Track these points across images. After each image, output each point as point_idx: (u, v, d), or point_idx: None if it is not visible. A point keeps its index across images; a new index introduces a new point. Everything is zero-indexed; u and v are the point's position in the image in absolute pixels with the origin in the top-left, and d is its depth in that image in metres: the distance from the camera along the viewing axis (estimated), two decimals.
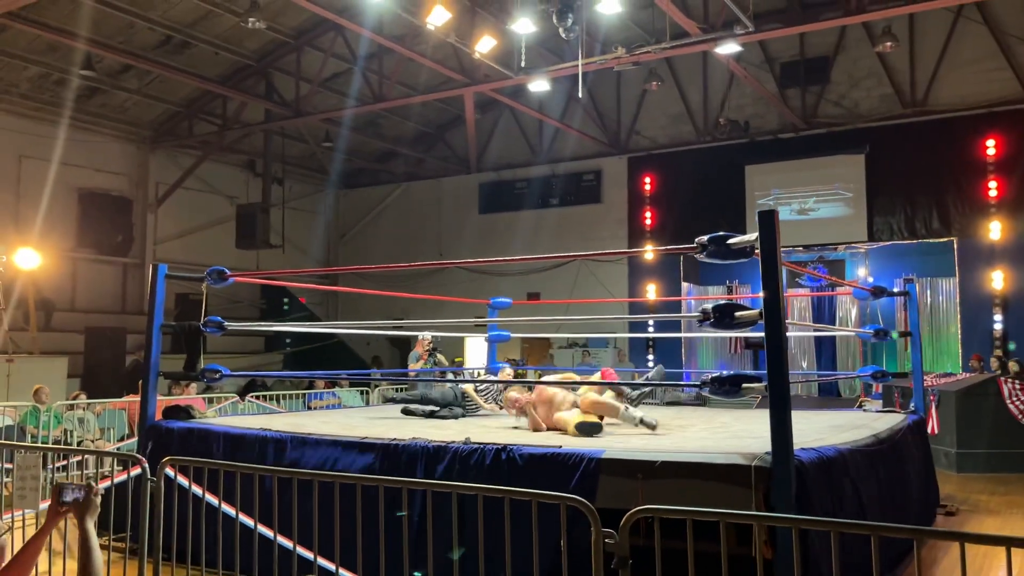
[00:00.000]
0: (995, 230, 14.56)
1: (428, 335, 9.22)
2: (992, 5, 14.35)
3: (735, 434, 5.77)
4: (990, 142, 14.62)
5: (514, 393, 6.29)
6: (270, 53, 16.15)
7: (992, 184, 14.61)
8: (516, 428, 6.16)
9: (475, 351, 16.13)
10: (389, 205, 21.32)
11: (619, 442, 5.17)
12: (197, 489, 4.42)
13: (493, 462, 4.80)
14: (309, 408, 11.61)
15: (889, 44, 13.90)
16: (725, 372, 4.58)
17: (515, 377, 9.02)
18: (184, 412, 6.58)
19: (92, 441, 9.46)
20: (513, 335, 10.66)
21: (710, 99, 17.32)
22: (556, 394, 6.07)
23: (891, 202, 15.49)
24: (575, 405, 5.90)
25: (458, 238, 19.68)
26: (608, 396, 5.96)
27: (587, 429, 5.50)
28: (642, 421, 5.71)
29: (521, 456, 4.76)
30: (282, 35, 15.55)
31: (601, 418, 5.75)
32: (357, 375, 14.22)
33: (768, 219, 4.29)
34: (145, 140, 17.74)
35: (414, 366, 9.34)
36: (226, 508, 4.52)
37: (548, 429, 5.97)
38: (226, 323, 6.63)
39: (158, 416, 6.58)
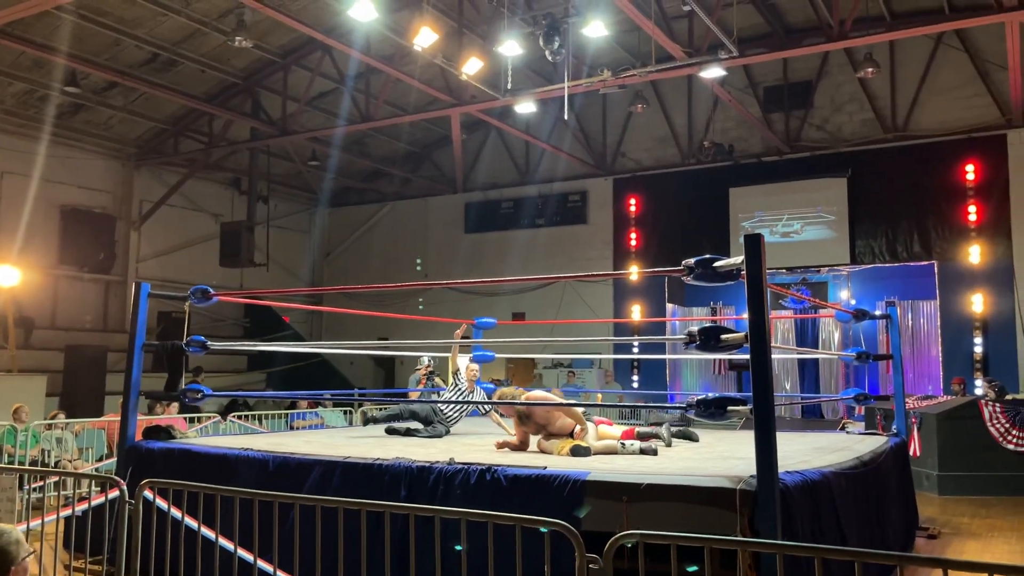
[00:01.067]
0: (975, 254, 14.72)
1: (427, 358, 9.43)
2: (972, 32, 14.60)
3: (720, 455, 5.78)
4: (969, 167, 14.82)
5: (510, 390, 6.44)
6: (257, 72, 16.15)
7: (972, 208, 14.80)
8: (502, 446, 6.12)
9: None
10: (375, 224, 21.30)
11: (604, 463, 5.16)
12: (176, 512, 4.36)
13: (477, 482, 4.78)
14: (292, 428, 11.49)
15: (871, 70, 14.10)
16: (711, 395, 4.59)
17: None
18: (165, 432, 6.51)
19: (70, 461, 9.33)
20: (498, 355, 10.65)
21: (695, 122, 17.49)
22: (556, 418, 6.04)
23: (873, 225, 15.64)
24: (571, 434, 5.89)
25: (444, 257, 19.68)
26: (612, 435, 6.18)
27: (579, 452, 5.59)
28: (642, 451, 5.73)
29: (506, 477, 4.73)
30: (269, 54, 15.56)
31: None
32: (340, 395, 14.11)
33: (754, 243, 4.31)
34: (130, 157, 17.66)
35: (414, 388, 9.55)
36: (205, 531, 4.46)
37: (534, 449, 5.96)
38: (209, 342, 6.56)
39: (138, 436, 6.49)
